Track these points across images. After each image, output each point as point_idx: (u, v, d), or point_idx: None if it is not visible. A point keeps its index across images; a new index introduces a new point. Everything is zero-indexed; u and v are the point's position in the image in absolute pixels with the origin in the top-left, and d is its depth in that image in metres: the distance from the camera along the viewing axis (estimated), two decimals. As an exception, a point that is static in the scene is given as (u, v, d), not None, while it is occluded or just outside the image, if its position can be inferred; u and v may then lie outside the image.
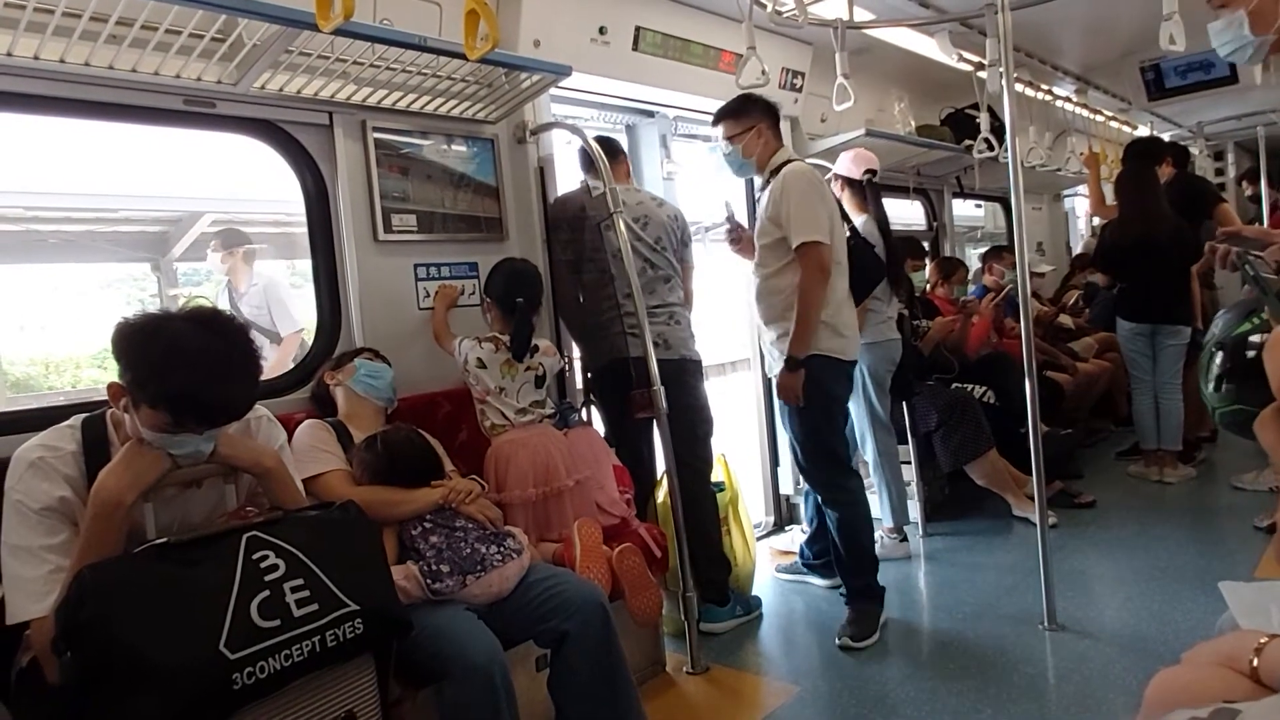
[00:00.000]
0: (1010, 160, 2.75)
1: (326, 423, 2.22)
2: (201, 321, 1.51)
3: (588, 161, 3.11)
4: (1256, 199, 6.36)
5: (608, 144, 3.08)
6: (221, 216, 5.57)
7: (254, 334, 3.58)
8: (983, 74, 4.28)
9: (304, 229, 2.65)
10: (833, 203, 2.85)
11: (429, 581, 1.90)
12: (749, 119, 2.86)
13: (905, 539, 3.61)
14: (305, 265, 2.68)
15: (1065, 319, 5.61)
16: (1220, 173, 7.34)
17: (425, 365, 2.70)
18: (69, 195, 4.71)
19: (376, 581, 1.58)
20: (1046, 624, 2.75)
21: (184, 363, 1.45)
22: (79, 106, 2.13)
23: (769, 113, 2.90)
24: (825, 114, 4.31)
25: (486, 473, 2.45)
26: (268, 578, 1.43)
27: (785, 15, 3.10)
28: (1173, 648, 2.53)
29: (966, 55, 4.15)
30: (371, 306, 2.63)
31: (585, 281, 3.00)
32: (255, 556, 1.45)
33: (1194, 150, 6.72)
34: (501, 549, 2.02)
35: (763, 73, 3.16)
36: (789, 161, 2.81)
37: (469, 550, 1.98)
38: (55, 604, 1.41)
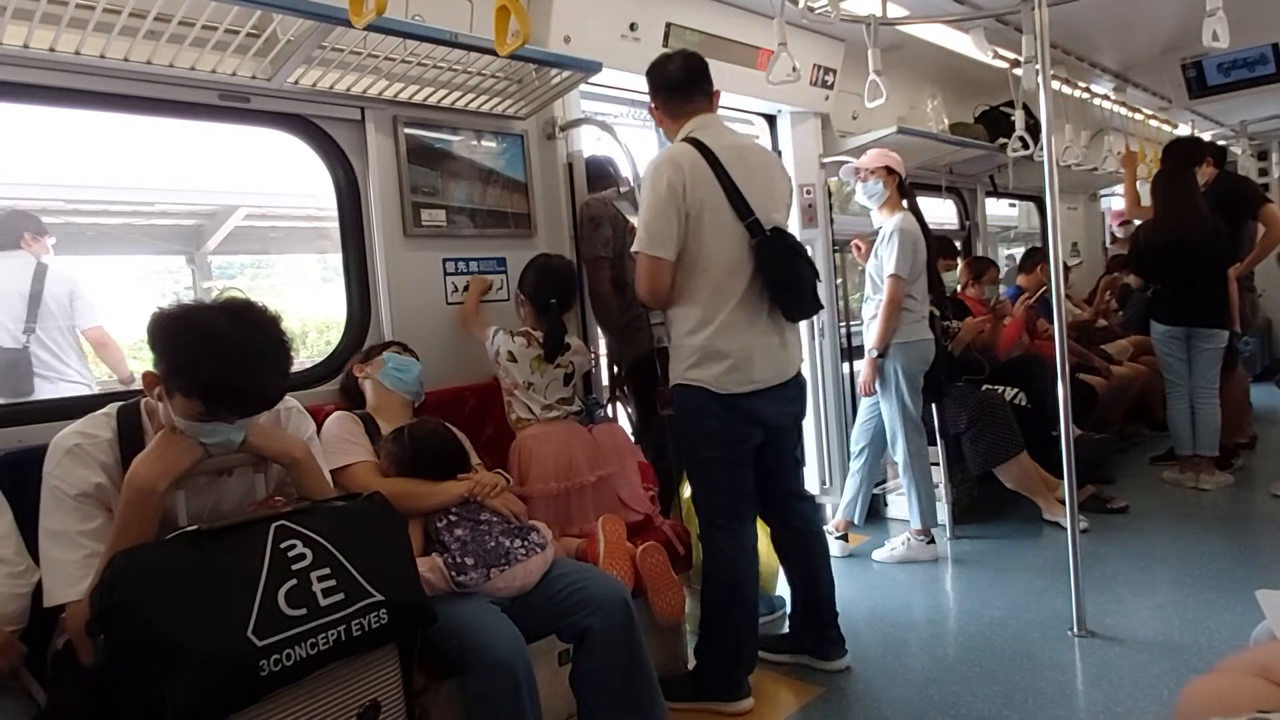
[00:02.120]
0: (1045, 159, 2.71)
1: (355, 415, 2.24)
2: (234, 312, 1.54)
3: (595, 174, 3.11)
4: (1301, 200, 6.20)
5: (606, 164, 3.08)
6: (255, 210, 5.66)
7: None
8: (1018, 71, 4.21)
9: (336, 223, 2.67)
10: (704, 192, 2.26)
11: (453, 574, 1.91)
12: (651, 98, 2.49)
13: (933, 541, 3.57)
14: (337, 259, 2.70)
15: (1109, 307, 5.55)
16: (1264, 172, 7.17)
17: (453, 359, 2.72)
18: (107, 189, 4.80)
19: (401, 573, 1.59)
20: (1075, 630, 2.71)
21: (216, 352, 1.47)
22: (117, 101, 2.17)
23: (659, 90, 2.44)
24: (857, 111, 4.27)
25: (510, 466, 2.46)
26: (295, 567, 1.45)
27: (817, 11, 3.07)
28: (1206, 656, 2.48)
29: (1002, 52, 4.08)
30: (400, 300, 2.65)
31: (626, 278, 2.99)
32: (283, 545, 1.46)
33: (1236, 150, 6.58)
34: (526, 543, 2.03)
35: (794, 69, 3.14)
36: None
37: (494, 543, 1.99)
38: (90, 588, 1.44)
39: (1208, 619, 2.73)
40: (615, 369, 3.14)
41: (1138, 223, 6.23)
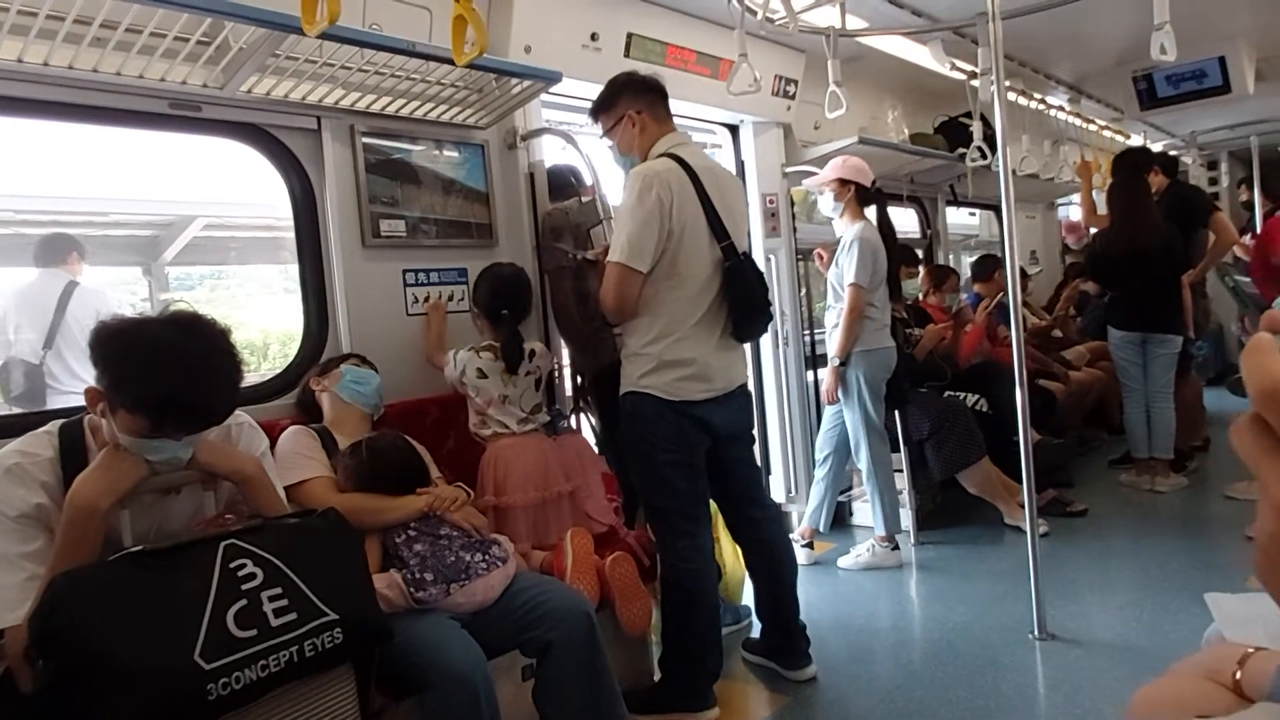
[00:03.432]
0: (1001, 169, 2.75)
1: (311, 429, 2.20)
2: (181, 324, 1.50)
3: (557, 183, 3.11)
4: (1249, 206, 6.38)
5: (568, 173, 3.10)
6: (214, 220, 5.55)
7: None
8: (975, 83, 4.30)
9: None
10: (689, 211, 2.30)
11: (412, 590, 1.88)
12: (619, 108, 2.43)
13: (897, 547, 3.59)
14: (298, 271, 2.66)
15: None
16: (1214, 182, 7.36)
17: (413, 371, 2.68)
18: (59, 199, 4.70)
19: (357, 590, 1.56)
20: (1036, 633, 2.73)
21: (163, 366, 1.43)
22: (63, 110, 2.11)
23: (643, 93, 2.42)
24: (819, 121, 4.30)
25: (483, 477, 2.42)
26: (245, 586, 1.41)
27: (776, 22, 3.10)
28: (1164, 658, 2.50)
29: (960, 64, 4.14)
30: (359, 312, 2.61)
31: (589, 288, 2.97)
32: (233, 565, 1.43)
33: (1186, 160, 6.75)
34: (487, 557, 2.00)
35: (755, 79, 3.16)
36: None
37: (453, 558, 1.95)
38: (29, 612, 1.39)
39: (1164, 621, 2.78)
40: (578, 379, 3.13)
41: (1094, 231, 6.37)
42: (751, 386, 4.01)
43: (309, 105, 2.46)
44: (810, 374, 4.19)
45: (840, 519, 4.05)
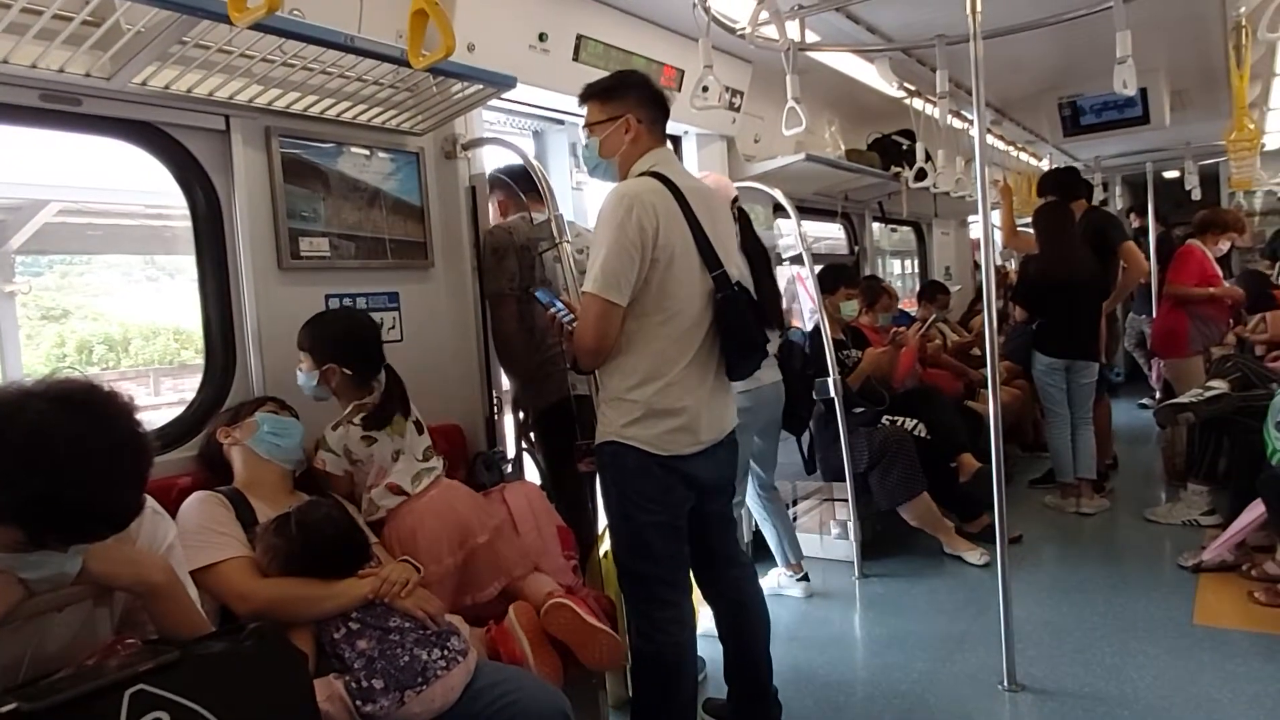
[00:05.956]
0: (979, 194, 2.70)
1: (221, 495, 1.83)
2: (73, 403, 1.14)
3: (508, 191, 2.82)
4: (1144, 232, 6.66)
5: (525, 175, 2.80)
6: (70, 205, 4.97)
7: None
8: (918, 103, 4.24)
9: (164, 221, 2.24)
10: (676, 238, 2.01)
11: (358, 703, 1.56)
12: (622, 105, 2.12)
13: (805, 577, 3.49)
14: (166, 260, 2.26)
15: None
16: (1105, 203, 7.67)
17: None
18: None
19: (305, 735, 1.25)
20: (1006, 684, 2.64)
21: (48, 461, 1.08)
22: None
23: (649, 103, 2.14)
24: (759, 134, 4.14)
25: (389, 550, 2.03)
26: (161, 752, 1.08)
27: (739, 31, 2.91)
28: (1134, 708, 2.47)
29: (906, 84, 4.07)
30: (274, 346, 2.23)
31: (534, 315, 2.67)
32: (143, 722, 1.09)
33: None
34: (445, 652, 1.69)
35: (704, 90, 2.97)
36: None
37: (407, 658, 1.64)
38: None
39: (1126, 665, 2.72)
40: (521, 416, 2.84)
41: (1000, 248, 6.49)
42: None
43: (216, 102, 2.07)
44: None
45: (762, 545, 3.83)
